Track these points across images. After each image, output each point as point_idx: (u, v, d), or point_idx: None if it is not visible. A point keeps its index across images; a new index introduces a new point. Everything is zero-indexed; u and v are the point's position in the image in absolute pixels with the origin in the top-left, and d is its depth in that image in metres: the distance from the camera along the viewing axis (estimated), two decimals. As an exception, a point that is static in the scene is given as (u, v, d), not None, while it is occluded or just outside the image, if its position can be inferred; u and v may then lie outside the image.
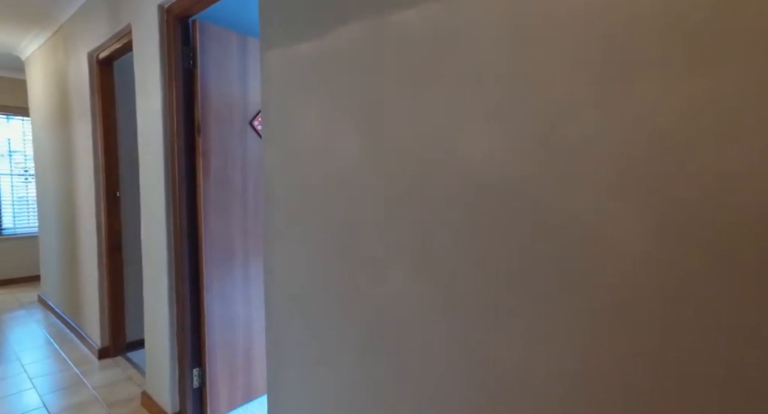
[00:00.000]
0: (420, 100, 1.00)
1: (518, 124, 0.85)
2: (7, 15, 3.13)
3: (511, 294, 0.87)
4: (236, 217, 2.23)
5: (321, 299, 1.27)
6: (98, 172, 2.75)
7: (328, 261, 1.24)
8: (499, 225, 0.88)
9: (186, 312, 2.05)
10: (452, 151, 0.94)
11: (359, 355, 1.17)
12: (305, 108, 1.28)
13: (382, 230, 1.09)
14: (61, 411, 2.20)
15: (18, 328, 3.42)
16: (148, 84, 2.11)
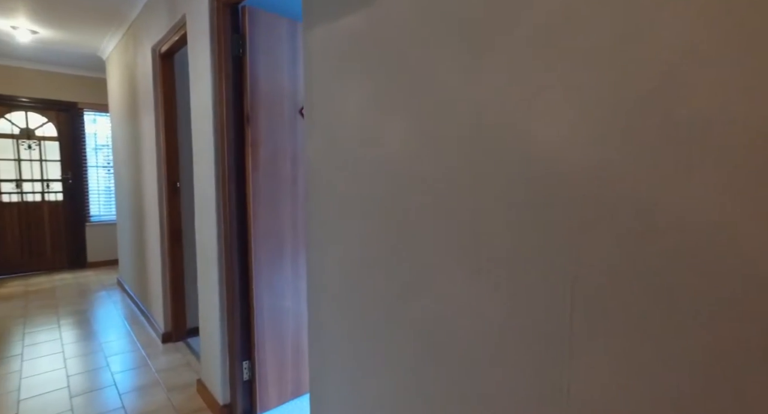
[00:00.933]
0: (480, 74, 0.82)
1: (610, 98, 0.64)
2: (88, 18, 3.33)
3: (592, 310, 0.68)
4: (285, 209, 2.17)
5: (363, 301, 1.14)
6: (160, 163, 2.84)
7: (371, 260, 1.10)
8: (579, 224, 0.69)
9: (235, 304, 2.03)
10: (520, 133, 0.76)
11: (405, 366, 1.02)
12: (349, 90, 1.14)
13: (431, 227, 0.93)
14: (128, 391, 2.30)
15: (99, 307, 3.70)
16: (200, 73, 2.09)
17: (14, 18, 3.38)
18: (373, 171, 1.07)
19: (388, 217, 1.03)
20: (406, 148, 0.97)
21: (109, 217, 5.23)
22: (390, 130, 1.01)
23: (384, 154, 1.03)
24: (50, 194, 4.92)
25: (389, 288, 1.05)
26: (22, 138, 4.78)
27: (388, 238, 1.04)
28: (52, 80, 4.83)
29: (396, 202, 1.01)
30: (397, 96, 0.98)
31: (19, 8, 3.18)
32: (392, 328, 1.04)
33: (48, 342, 2.97)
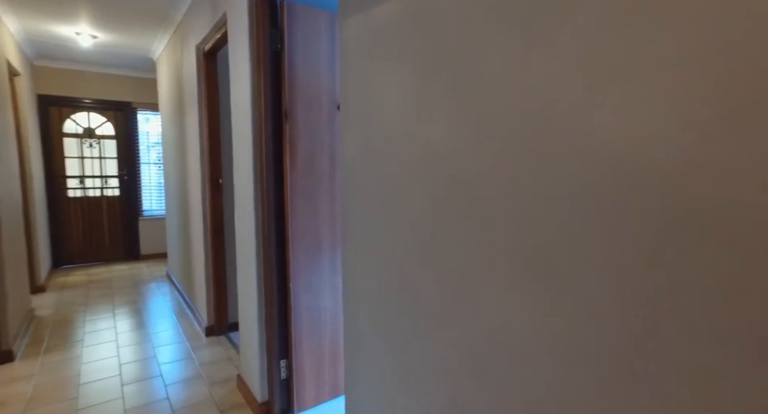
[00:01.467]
0: (534, 61, 0.71)
1: (705, 80, 0.53)
2: (140, 21, 3.45)
3: (675, 333, 0.57)
4: (323, 207, 2.13)
5: (400, 309, 1.07)
6: (203, 160, 2.90)
7: (409, 266, 1.02)
8: (659, 229, 0.57)
9: (273, 301, 2.02)
10: (584, 129, 0.65)
11: (445, 379, 0.94)
12: (386, 82, 1.06)
13: (475, 233, 0.84)
14: (173, 383, 2.36)
15: (150, 298, 3.86)
16: (239, 70, 2.08)
17: (77, 24, 3.57)
18: (411, 170, 0.99)
19: (428, 220, 0.95)
20: (448, 146, 0.88)
21: (160, 211, 5.47)
22: (430, 126, 0.93)
23: (423, 152, 0.95)
24: (108, 189, 5.20)
25: (428, 297, 0.97)
26: (85, 137, 5.07)
27: (427, 243, 0.96)
28: (110, 81, 5.09)
29: (437, 204, 0.92)
30: (439, 89, 0.89)
31: (82, 15, 3.35)
32: (432, 339, 0.96)
33: (104, 330, 3.13)
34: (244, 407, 2.13)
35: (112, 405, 2.15)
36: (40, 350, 2.81)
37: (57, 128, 4.92)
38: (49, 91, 4.80)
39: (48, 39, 4.01)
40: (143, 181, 5.39)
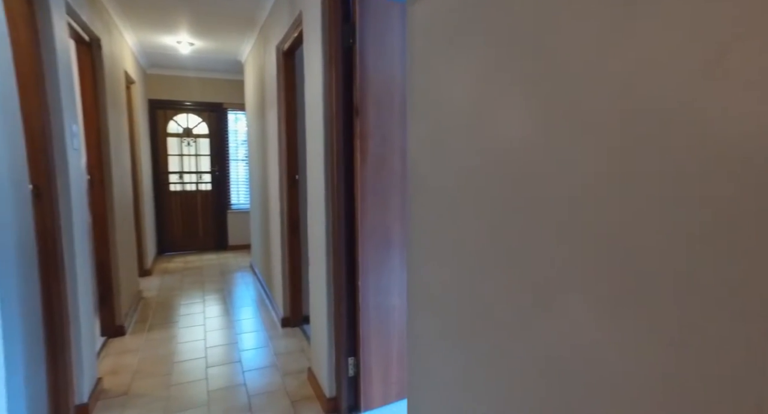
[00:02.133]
0: (636, 34, 0.58)
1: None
2: (231, 26, 3.67)
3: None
4: (394, 204, 2.08)
5: (465, 314, 0.97)
6: (281, 156, 3.00)
7: (478, 271, 0.92)
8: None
9: (342, 298, 2.01)
10: (701, 112, 0.51)
11: (518, 398, 0.83)
12: (456, 69, 0.97)
13: (557, 237, 0.72)
14: (250, 370, 2.48)
15: (235, 287, 4.13)
16: (312, 66, 2.10)
17: (178, 34, 3.91)
18: (481, 165, 0.89)
19: (498, 222, 0.84)
20: (524, 139, 0.77)
21: (246, 205, 5.84)
22: (505, 117, 0.81)
23: (496, 146, 0.84)
24: (202, 184, 5.67)
25: (496, 307, 0.86)
26: (184, 136, 5.58)
27: (500, 247, 0.85)
28: (205, 85, 5.52)
29: (512, 204, 0.81)
30: (516, 73, 0.78)
31: (182, 25, 3.66)
32: (499, 353, 0.86)
33: (195, 314, 3.40)
34: (314, 400, 2.16)
35: (198, 385, 2.31)
36: (145, 327, 3.12)
37: (162, 129, 5.46)
38: (157, 95, 5.33)
39: (156, 49, 4.44)
40: (232, 176, 5.80)
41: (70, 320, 1.99)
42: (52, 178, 1.91)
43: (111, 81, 3.07)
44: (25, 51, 1.83)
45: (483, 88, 0.86)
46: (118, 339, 2.92)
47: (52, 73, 1.94)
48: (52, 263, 1.91)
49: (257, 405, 2.12)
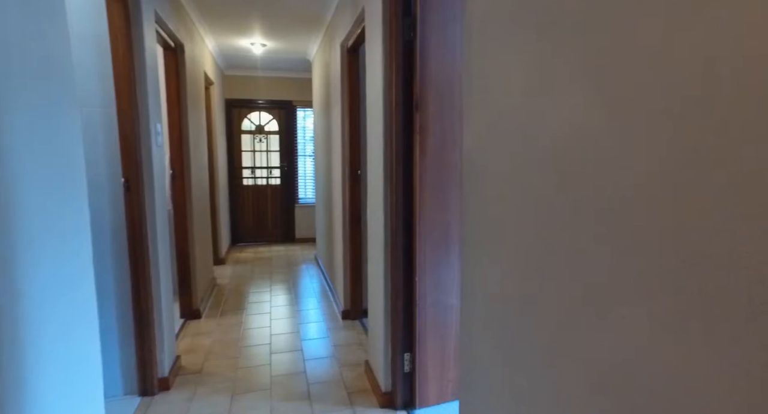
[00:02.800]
0: (704, 13, 0.51)
1: None
2: (300, 26, 3.81)
3: None
4: (453, 201, 2.03)
5: (518, 319, 0.93)
6: (344, 152, 3.06)
7: (532, 272, 0.87)
8: None
9: (399, 294, 2.02)
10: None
11: (573, 410, 0.78)
12: (514, 58, 0.92)
13: (618, 240, 0.66)
14: (310, 359, 2.58)
15: (299, 278, 4.31)
16: (373, 61, 2.11)
17: (252, 36, 4.14)
18: (540, 161, 0.83)
19: (559, 220, 0.79)
20: (586, 131, 0.71)
21: (312, 200, 6.05)
22: (564, 108, 0.76)
23: (555, 139, 0.79)
24: (272, 179, 5.97)
25: (553, 310, 0.81)
26: (256, 133, 5.89)
27: (556, 249, 0.79)
28: (275, 83, 5.79)
29: (572, 202, 0.75)
30: (577, 60, 0.72)
31: (255, 28, 3.86)
32: (556, 358, 0.80)
33: (263, 302, 3.59)
34: (369, 394, 2.19)
35: (262, 370, 2.44)
36: (217, 312, 3.36)
37: (237, 126, 5.81)
38: (233, 95, 5.68)
39: (232, 51, 4.73)
40: (300, 171, 6.03)
41: (154, 302, 2.19)
42: (140, 173, 2.11)
43: (192, 83, 3.31)
44: (122, 60, 2.03)
45: (541, 77, 0.81)
46: (194, 321, 3.17)
47: (141, 78, 2.13)
48: (140, 250, 2.11)
49: (316, 393, 2.19)
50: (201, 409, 2.05)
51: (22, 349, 0.94)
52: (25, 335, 0.95)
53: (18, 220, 0.94)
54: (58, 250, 1.12)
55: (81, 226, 1.27)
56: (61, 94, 1.18)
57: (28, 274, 0.97)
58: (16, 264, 0.93)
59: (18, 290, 0.93)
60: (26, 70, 1.00)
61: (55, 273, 1.10)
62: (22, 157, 0.96)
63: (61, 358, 1.12)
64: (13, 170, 0.93)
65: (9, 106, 0.93)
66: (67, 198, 1.19)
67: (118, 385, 2.13)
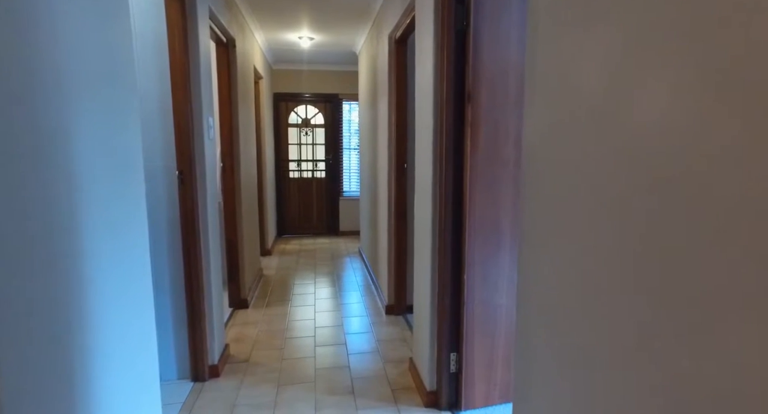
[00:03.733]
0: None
1: None
2: (347, 19, 3.80)
3: None
4: (505, 196, 1.94)
5: (586, 330, 0.85)
6: (391, 145, 3.01)
7: (606, 280, 0.79)
8: None
9: (446, 291, 1.96)
10: None
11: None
12: (592, 39, 0.83)
13: (709, 249, 0.57)
14: (354, 353, 2.58)
15: (343, 271, 4.33)
16: (424, 52, 2.05)
17: (300, 30, 4.17)
18: (624, 158, 0.75)
19: (635, 224, 0.70)
20: (670, 119, 0.62)
21: (356, 193, 6.07)
22: (642, 95, 0.67)
23: (636, 132, 0.70)
24: (317, 172, 6.04)
25: (625, 328, 0.72)
26: (302, 126, 5.97)
27: (630, 255, 0.71)
28: (322, 77, 5.83)
29: (650, 202, 0.67)
30: (665, 45, 0.63)
31: (304, 21, 3.89)
32: (624, 383, 0.72)
33: (307, 295, 3.64)
34: (413, 392, 2.15)
35: (306, 362, 2.47)
36: (264, 303, 3.44)
37: (284, 120, 5.91)
38: (281, 89, 5.78)
39: (281, 45, 4.80)
40: (344, 164, 6.07)
41: (205, 291, 2.26)
42: (193, 165, 2.16)
43: (242, 77, 3.38)
44: (178, 56, 2.09)
45: (627, 61, 0.72)
46: (242, 311, 3.26)
47: (195, 73, 2.18)
48: (192, 240, 2.18)
49: (359, 388, 2.18)
50: (249, 397, 2.09)
51: (89, 334, 0.97)
52: (90, 321, 0.98)
53: (83, 212, 0.97)
54: (118, 241, 1.16)
55: (139, 220, 1.31)
56: (123, 93, 1.21)
57: (93, 264, 1.00)
58: (83, 254, 0.96)
59: (85, 278, 0.96)
60: (91, 70, 1.03)
61: (116, 263, 1.14)
62: (87, 155, 0.99)
63: (122, 341, 1.16)
64: (80, 168, 0.96)
65: (76, 106, 0.95)
66: (126, 192, 1.23)
67: (173, 370, 2.22)
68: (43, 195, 0.83)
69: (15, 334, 0.72)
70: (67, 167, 0.91)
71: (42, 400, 0.81)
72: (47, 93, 0.85)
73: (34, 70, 0.81)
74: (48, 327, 0.83)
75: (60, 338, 0.87)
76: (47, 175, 0.84)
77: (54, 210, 0.86)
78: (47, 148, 0.84)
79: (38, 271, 0.80)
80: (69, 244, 0.92)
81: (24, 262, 0.76)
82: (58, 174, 0.88)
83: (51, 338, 0.84)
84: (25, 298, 0.76)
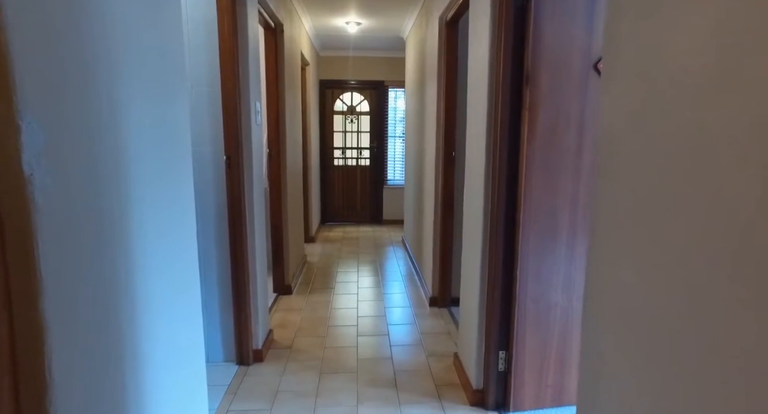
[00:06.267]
0: None
1: None
2: (397, 1, 3.67)
3: None
4: (564, 185, 1.80)
5: (677, 341, 0.73)
6: (439, 132, 2.90)
7: (709, 284, 0.67)
8: None
9: (496, 287, 1.85)
10: None
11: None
12: (685, 12, 0.70)
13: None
14: (396, 345, 2.52)
15: (386, 260, 4.28)
16: (478, 30, 1.91)
17: (347, 15, 4.10)
18: (719, 143, 0.62)
19: (746, 220, 0.58)
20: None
21: (400, 181, 5.98)
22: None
23: (748, 115, 0.57)
24: (361, 160, 6.00)
25: (728, 346, 0.60)
26: (347, 114, 5.94)
27: (742, 256, 0.59)
28: (368, 63, 5.75)
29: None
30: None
31: (351, 6, 3.81)
32: (734, 403, 0.61)
33: (349, 283, 3.62)
34: (459, 389, 2.07)
35: (349, 351, 2.44)
36: (307, 290, 3.46)
37: (330, 107, 5.90)
38: (326, 76, 5.75)
39: (328, 31, 4.75)
40: (389, 153, 5.99)
41: (250, 275, 2.27)
42: (240, 150, 2.16)
43: (289, 63, 3.36)
44: (227, 41, 2.08)
45: (725, 30, 0.58)
46: (286, 297, 3.29)
47: (244, 58, 2.17)
48: (239, 225, 2.19)
49: (402, 381, 2.13)
50: (291, 384, 2.09)
51: (137, 314, 0.96)
52: (138, 302, 0.97)
53: (132, 196, 0.95)
54: (165, 224, 1.15)
55: (186, 205, 1.30)
56: (173, 78, 1.19)
57: (139, 246, 0.99)
58: (130, 237, 0.95)
59: (132, 259, 0.95)
60: (143, 56, 1.01)
61: (162, 246, 1.13)
62: (137, 141, 0.97)
63: (168, 322, 1.15)
64: (130, 154, 0.94)
65: (127, 91, 0.93)
66: (174, 177, 1.21)
67: (219, 352, 2.26)
68: (90, 169, 0.80)
69: (67, 313, 0.71)
70: (116, 140, 0.89)
71: (93, 377, 0.80)
72: (98, 59, 0.82)
73: (86, 38, 0.78)
74: (97, 308, 0.82)
75: (110, 318, 0.86)
76: (96, 148, 0.82)
77: (102, 185, 0.84)
78: (97, 117, 0.82)
79: (87, 254, 0.79)
80: (118, 223, 0.90)
81: (77, 244, 0.74)
82: (107, 147, 0.86)
83: (101, 317, 0.83)
84: (79, 281, 0.75)
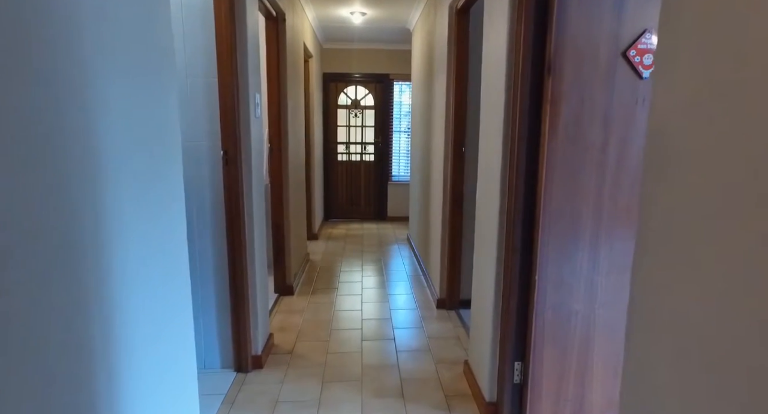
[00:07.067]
0: None
1: None
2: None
3: None
4: (588, 186, 1.66)
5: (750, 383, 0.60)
6: (448, 126, 2.76)
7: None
8: None
9: (512, 292, 1.72)
10: None
11: None
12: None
13: None
14: (403, 350, 2.40)
15: (391, 259, 4.16)
16: (495, 15, 1.77)
17: (352, 5, 3.94)
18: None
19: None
20: None
21: (406, 177, 5.84)
22: None
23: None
24: (366, 155, 5.85)
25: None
26: (351, 108, 5.79)
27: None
28: (372, 56, 5.59)
29: None
30: None
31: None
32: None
33: (353, 283, 3.50)
34: (470, 400, 1.95)
35: (353, 357, 2.32)
36: (309, 290, 3.34)
37: (333, 101, 5.75)
38: (330, 69, 5.60)
39: (332, 22, 4.59)
40: (394, 148, 5.84)
41: (249, 277, 2.14)
42: (239, 145, 2.03)
43: (292, 54, 3.22)
44: (224, 28, 1.93)
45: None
46: (287, 297, 3.17)
47: (242, 47, 2.03)
48: (236, 223, 2.06)
49: (409, 392, 2.00)
50: (292, 393, 1.97)
51: (117, 326, 0.84)
52: (121, 310, 0.85)
53: (110, 201, 0.82)
54: (152, 223, 1.02)
55: (176, 203, 1.17)
56: (158, 63, 1.06)
57: (121, 251, 0.86)
58: (107, 250, 0.82)
59: (113, 270, 0.83)
60: (122, 35, 0.88)
61: (149, 247, 1.00)
62: (116, 128, 0.84)
63: (156, 332, 1.03)
64: (107, 142, 0.81)
65: (103, 72, 0.80)
66: (163, 177, 1.08)
67: (216, 359, 2.14)
68: (53, 168, 0.67)
69: (32, 330, 0.58)
70: (85, 134, 0.76)
71: None
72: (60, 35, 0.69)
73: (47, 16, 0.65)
74: (69, 324, 0.69)
75: (84, 334, 0.74)
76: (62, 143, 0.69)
77: (68, 188, 0.71)
78: (58, 111, 0.69)
79: (57, 272, 0.66)
80: (92, 228, 0.77)
81: (40, 254, 0.61)
82: (74, 141, 0.73)
83: (74, 333, 0.70)
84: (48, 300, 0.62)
